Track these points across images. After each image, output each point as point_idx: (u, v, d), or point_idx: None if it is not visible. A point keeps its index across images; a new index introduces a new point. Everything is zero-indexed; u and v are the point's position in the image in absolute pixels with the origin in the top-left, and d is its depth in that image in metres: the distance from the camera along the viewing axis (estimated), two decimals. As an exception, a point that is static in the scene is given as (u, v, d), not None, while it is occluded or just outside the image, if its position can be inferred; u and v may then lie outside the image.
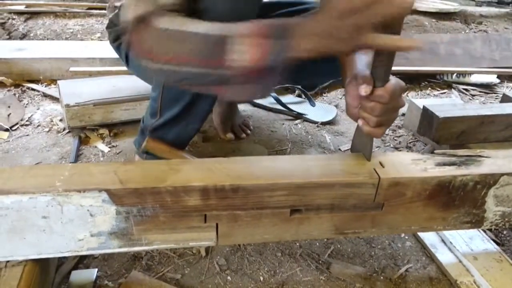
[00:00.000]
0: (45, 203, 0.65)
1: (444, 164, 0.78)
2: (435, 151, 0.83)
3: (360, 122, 0.73)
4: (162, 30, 0.68)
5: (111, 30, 1.15)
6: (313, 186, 0.72)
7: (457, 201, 0.79)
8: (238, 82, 0.67)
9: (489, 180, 0.78)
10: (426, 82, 2.06)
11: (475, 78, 2.05)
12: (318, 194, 0.73)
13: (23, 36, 2.25)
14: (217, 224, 0.74)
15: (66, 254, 0.72)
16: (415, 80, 2.04)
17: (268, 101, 1.67)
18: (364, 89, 0.68)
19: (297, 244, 0.98)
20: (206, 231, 0.74)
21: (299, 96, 1.75)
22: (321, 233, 0.80)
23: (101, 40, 2.23)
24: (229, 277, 0.89)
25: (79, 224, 0.69)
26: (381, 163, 0.77)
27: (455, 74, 2.05)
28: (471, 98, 1.96)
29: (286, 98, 1.69)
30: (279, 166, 0.75)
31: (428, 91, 1.99)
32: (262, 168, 0.74)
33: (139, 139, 1.11)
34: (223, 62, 0.65)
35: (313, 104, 1.65)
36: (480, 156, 0.82)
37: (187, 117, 1.00)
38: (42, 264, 0.75)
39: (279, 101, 1.62)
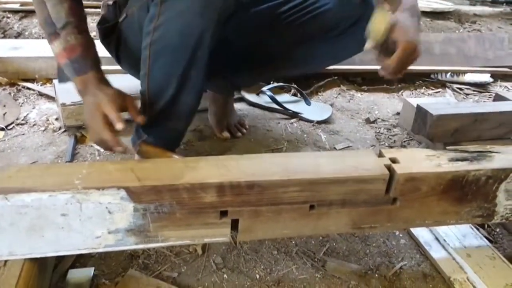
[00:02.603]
0: (65, 201, 0.67)
1: (457, 160, 0.81)
2: (447, 147, 0.84)
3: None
4: None
5: (101, 27, 1.16)
6: (326, 182, 0.74)
7: (469, 195, 0.81)
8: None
9: (501, 175, 0.80)
10: (421, 81, 2.07)
11: (468, 77, 2.06)
12: (331, 190, 0.75)
13: (18, 35, 2.24)
14: (237, 220, 0.75)
15: (84, 251, 0.73)
16: (410, 79, 2.05)
17: (264, 100, 1.68)
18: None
19: (293, 242, 0.99)
20: (221, 227, 0.76)
21: (294, 95, 1.76)
22: (339, 228, 0.82)
23: (96, 38, 2.22)
24: (225, 275, 0.89)
25: (98, 222, 0.70)
26: (396, 159, 0.78)
27: (449, 73, 2.07)
28: (465, 97, 1.98)
29: (282, 97, 1.69)
30: (293, 163, 0.77)
31: (422, 90, 2.01)
32: (276, 164, 0.76)
33: (134, 137, 1.12)
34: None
35: (308, 103, 1.66)
36: (490, 151, 0.84)
37: (173, 112, 1.01)
38: (40, 263, 0.75)
39: (274, 100, 1.63)
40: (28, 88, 1.66)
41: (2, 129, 1.37)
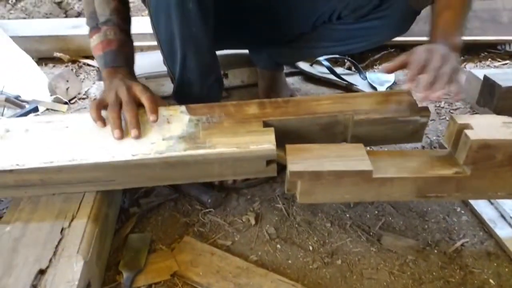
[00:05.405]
0: None
1: None
2: None
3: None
4: None
5: None
6: (354, 96, 0.93)
7: None
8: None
9: None
10: (486, 53, 1.93)
11: (541, 48, 1.90)
12: (359, 101, 0.89)
13: (78, 14, 2.33)
14: (299, 182, 0.76)
15: (137, 157, 0.78)
16: (474, 51, 1.92)
17: (317, 70, 1.64)
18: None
19: (347, 215, 0.97)
20: (265, 134, 0.82)
21: (349, 68, 1.70)
22: (402, 195, 0.79)
23: (151, 16, 2.27)
24: (278, 245, 0.90)
25: (156, 130, 0.84)
26: (469, 125, 0.74)
27: (518, 44, 1.91)
28: (536, 69, 1.83)
29: (336, 70, 1.65)
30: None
31: (488, 62, 1.87)
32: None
33: None
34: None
35: (364, 77, 1.60)
36: None
37: (187, 73, 1.00)
38: (101, 226, 0.79)
39: (331, 70, 1.58)
40: (89, 65, 1.73)
41: (66, 103, 1.44)
